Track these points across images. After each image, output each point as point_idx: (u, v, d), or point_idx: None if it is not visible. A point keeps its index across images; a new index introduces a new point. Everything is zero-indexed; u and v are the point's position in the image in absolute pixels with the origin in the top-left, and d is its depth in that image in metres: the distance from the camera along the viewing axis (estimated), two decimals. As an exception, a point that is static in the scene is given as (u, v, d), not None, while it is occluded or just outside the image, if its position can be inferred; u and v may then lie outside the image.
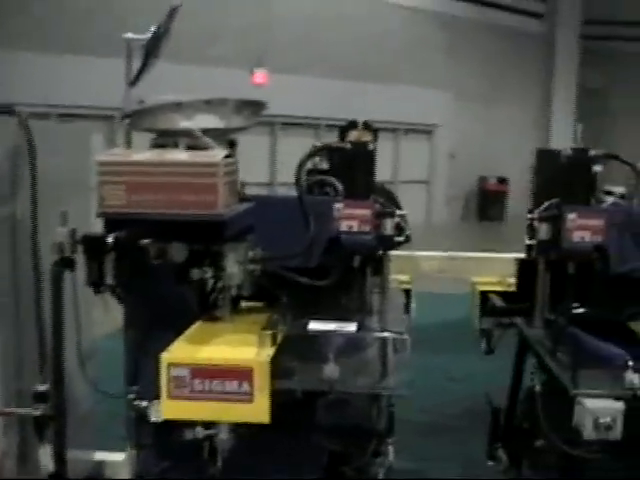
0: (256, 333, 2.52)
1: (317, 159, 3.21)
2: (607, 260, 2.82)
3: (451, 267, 7.32)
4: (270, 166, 15.28)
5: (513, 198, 18.46)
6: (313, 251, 2.81)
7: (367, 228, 2.83)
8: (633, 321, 2.97)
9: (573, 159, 2.86)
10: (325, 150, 3.03)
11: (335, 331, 2.56)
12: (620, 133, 21.95)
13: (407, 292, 3.55)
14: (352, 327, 2.59)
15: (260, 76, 14.64)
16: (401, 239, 2.92)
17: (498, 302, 3.44)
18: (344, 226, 2.83)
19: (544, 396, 2.83)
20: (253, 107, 2.88)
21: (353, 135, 4.25)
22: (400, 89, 16.32)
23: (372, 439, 2.86)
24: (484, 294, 3.56)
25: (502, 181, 19.58)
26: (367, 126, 4.34)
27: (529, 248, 2.99)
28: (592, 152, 2.84)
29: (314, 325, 2.61)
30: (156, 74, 3.04)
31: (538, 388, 2.88)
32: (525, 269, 3.28)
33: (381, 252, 2.93)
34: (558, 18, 21.11)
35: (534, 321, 3.17)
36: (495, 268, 4.25)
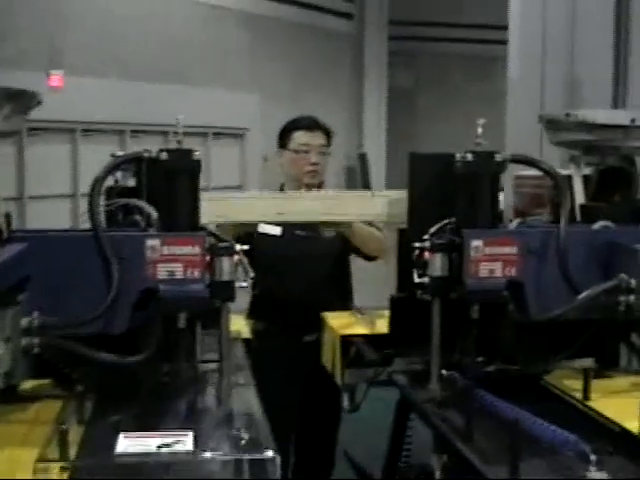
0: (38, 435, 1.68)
1: (120, 175, 2.33)
2: (524, 302, 2.10)
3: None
4: (72, 177, 13.96)
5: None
6: (118, 312, 1.92)
7: (196, 273, 1.96)
8: (546, 374, 2.28)
9: (474, 166, 2.10)
10: (131, 162, 2.13)
11: (160, 453, 1.64)
12: (424, 131, 22.19)
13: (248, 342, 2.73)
14: (187, 442, 1.69)
15: (56, 79, 13.31)
16: (245, 285, 2.07)
17: (366, 349, 2.66)
18: (162, 272, 1.94)
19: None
20: (14, 102, 1.92)
21: (298, 139, 3.31)
22: (206, 91, 15.37)
23: None
24: (346, 339, 2.77)
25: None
26: (317, 125, 3.36)
27: (418, 287, 2.22)
28: (499, 156, 2.10)
29: (125, 444, 1.69)
30: None
31: (439, 476, 2.11)
32: (401, 308, 2.52)
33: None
34: (366, 18, 20.94)
35: (414, 375, 2.42)
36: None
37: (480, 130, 2.12)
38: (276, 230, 3.24)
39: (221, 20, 16.90)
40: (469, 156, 2.09)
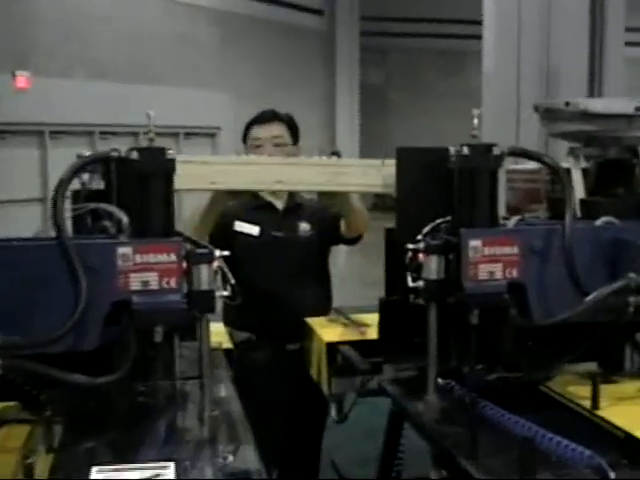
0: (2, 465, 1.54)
1: (87, 177, 2.16)
2: (526, 305, 1.95)
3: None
4: (42, 180, 13.65)
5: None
6: (87, 327, 1.75)
7: (172, 283, 1.79)
8: (548, 381, 2.14)
9: (471, 160, 1.94)
10: (98, 162, 1.96)
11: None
12: (397, 127, 22.13)
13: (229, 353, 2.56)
14: (168, 475, 1.51)
15: (22, 80, 13.02)
16: (225, 294, 1.90)
17: (353, 357, 2.51)
18: (135, 282, 1.77)
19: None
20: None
21: (252, 134, 3.13)
22: (177, 91, 15.13)
23: None
24: (332, 347, 2.61)
25: (290, 182, 18.98)
26: (271, 117, 3.15)
27: (411, 291, 2.07)
28: (497, 149, 1.95)
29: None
30: None
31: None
32: (391, 312, 2.37)
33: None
34: (337, 15, 20.80)
35: (407, 384, 2.28)
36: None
37: (476, 121, 1.97)
38: (254, 230, 3.07)
39: (192, 17, 16.69)
40: (465, 149, 1.94)
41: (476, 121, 1.96)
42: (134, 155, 1.78)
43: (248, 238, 3.06)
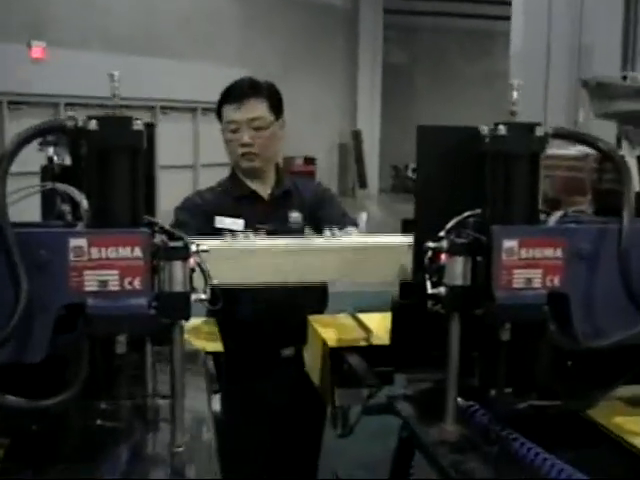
0: None
1: (51, 150, 1.84)
2: (569, 321, 1.60)
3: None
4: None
5: (320, 177, 17.58)
6: (32, 335, 1.42)
7: (137, 283, 1.45)
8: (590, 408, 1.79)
9: (509, 142, 1.59)
10: (49, 133, 1.63)
11: None
12: (419, 108, 21.67)
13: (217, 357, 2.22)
14: None
15: (38, 50, 12.73)
16: (203, 297, 1.57)
17: (360, 368, 2.18)
18: (91, 282, 1.44)
19: None
20: None
21: (226, 115, 2.70)
22: (195, 65, 14.80)
23: None
24: (336, 352, 2.27)
25: (309, 161, 18.63)
26: (248, 93, 2.69)
27: (430, 297, 1.72)
28: (540, 129, 1.59)
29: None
30: None
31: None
32: (405, 318, 2.04)
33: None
34: (361, -8, 20.32)
35: (422, 403, 1.95)
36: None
37: (515, 95, 1.61)
38: (238, 224, 2.65)
39: (212, -8, 16.33)
40: (502, 129, 1.58)
41: (515, 94, 1.61)
42: (92, 125, 1.44)
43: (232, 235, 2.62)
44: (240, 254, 2.08)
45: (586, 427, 1.76)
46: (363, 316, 2.56)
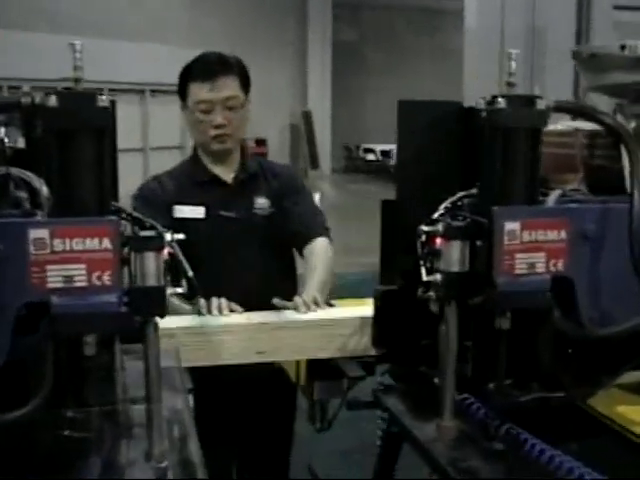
0: None
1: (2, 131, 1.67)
2: (574, 307, 1.50)
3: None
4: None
5: (272, 159, 17.38)
6: (-12, 339, 1.27)
7: (106, 278, 1.30)
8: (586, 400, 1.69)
9: (509, 116, 1.46)
10: (8, 111, 1.47)
11: None
12: (371, 87, 21.59)
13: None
14: None
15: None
16: (180, 290, 1.42)
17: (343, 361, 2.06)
18: (55, 278, 1.29)
19: None
20: None
21: (195, 94, 2.44)
22: (142, 46, 14.47)
23: None
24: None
25: (260, 142, 18.42)
26: (219, 70, 2.45)
27: (424, 285, 1.60)
28: (542, 102, 1.47)
29: None
30: None
31: None
32: (390, 305, 1.92)
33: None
34: (309, -31, 20.12)
35: (411, 397, 1.83)
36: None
37: (514, 65, 1.48)
38: (198, 212, 2.47)
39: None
40: (501, 102, 1.46)
41: (514, 64, 1.48)
42: (52, 101, 1.28)
43: (192, 224, 2.42)
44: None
45: (587, 418, 1.66)
46: (339, 302, 2.44)
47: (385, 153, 19.96)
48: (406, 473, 2.24)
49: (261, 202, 2.55)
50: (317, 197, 2.77)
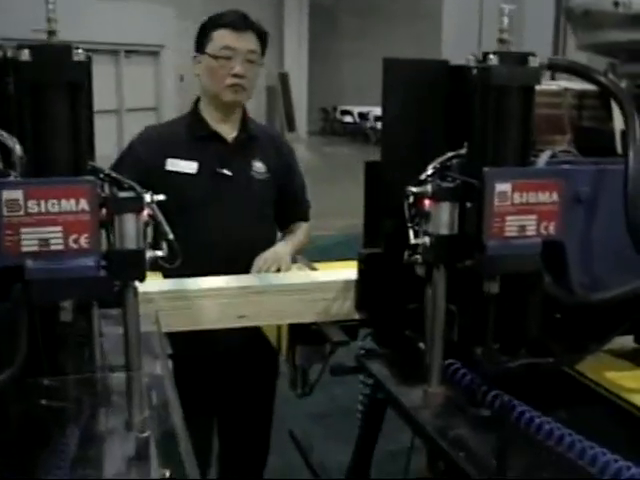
0: None
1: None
2: (565, 271, 1.46)
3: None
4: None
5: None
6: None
7: (83, 241, 1.25)
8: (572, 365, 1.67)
9: (501, 74, 1.41)
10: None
11: None
12: (348, 50, 21.43)
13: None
14: None
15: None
16: (161, 254, 1.37)
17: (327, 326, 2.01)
18: (30, 241, 1.23)
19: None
20: None
21: (220, 39, 2.44)
22: (116, 4, 14.19)
23: None
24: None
25: (237, 105, 18.29)
26: (246, 24, 2.49)
27: (410, 248, 1.56)
28: (534, 60, 1.42)
29: None
30: None
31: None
32: (373, 268, 1.88)
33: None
34: None
35: (396, 363, 1.79)
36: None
37: (507, 20, 1.43)
38: (191, 167, 2.44)
39: None
40: (493, 59, 1.41)
41: (506, 20, 1.43)
42: (25, 55, 1.21)
43: (183, 178, 2.42)
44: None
45: (576, 384, 1.64)
46: (321, 265, 2.40)
47: (363, 115, 19.85)
48: (391, 439, 2.23)
49: (258, 166, 2.55)
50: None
